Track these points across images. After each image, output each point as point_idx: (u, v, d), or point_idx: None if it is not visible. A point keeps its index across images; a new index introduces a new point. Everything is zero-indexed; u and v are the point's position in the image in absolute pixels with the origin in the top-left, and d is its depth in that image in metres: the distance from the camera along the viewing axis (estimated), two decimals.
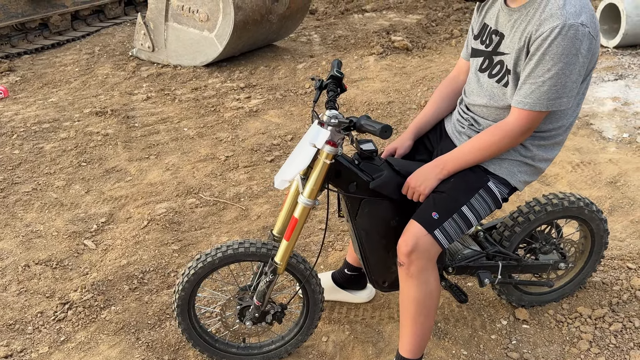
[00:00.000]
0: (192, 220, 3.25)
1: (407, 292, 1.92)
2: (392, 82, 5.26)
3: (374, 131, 1.67)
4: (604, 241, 2.38)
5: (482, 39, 1.93)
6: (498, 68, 1.85)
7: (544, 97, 1.70)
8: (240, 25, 5.55)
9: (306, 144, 1.80)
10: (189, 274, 2.00)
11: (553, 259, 2.31)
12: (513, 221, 2.22)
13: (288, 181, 1.80)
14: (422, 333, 1.97)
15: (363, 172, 1.91)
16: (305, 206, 1.88)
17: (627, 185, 3.39)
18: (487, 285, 2.33)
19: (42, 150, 4.23)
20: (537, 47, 1.67)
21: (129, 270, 2.80)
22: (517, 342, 2.32)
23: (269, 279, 1.98)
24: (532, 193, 3.35)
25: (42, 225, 3.26)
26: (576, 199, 2.23)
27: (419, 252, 1.84)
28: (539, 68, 1.68)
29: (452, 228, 1.87)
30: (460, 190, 1.89)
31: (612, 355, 2.24)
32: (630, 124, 4.12)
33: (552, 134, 1.89)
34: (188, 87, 5.42)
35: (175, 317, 2.08)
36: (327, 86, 1.98)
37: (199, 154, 4.08)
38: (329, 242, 2.98)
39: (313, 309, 2.14)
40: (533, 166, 1.94)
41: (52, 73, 6.12)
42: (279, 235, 2.07)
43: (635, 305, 2.47)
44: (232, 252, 1.97)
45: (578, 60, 1.65)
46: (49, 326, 2.46)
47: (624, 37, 5.49)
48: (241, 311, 2.09)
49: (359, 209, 1.95)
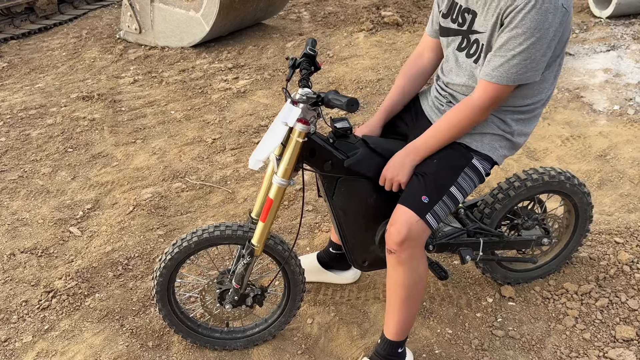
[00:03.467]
0: (178, 204, 3.23)
1: (396, 278, 1.90)
2: (382, 58, 5.18)
3: (340, 105, 1.65)
4: (589, 215, 2.36)
5: (452, 18, 1.88)
6: (475, 47, 1.81)
7: (512, 71, 1.68)
8: (226, 4, 5.45)
9: (279, 123, 1.78)
10: (165, 260, 1.98)
11: (536, 235, 2.29)
12: (493, 198, 2.20)
13: (262, 161, 1.78)
14: (408, 317, 1.97)
15: (338, 150, 1.89)
16: (280, 186, 1.86)
17: (616, 159, 3.35)
18: (470, 262, 2.31)
19: (29, 137, 4.19)
20: (511, 19, 1.63)
21: (113, 257, 2.78)
22: (503, 320, 2.31)
23: (246, 261, 1.97)
24: (520, 168, 3.32)
25: (28, 213, 3.24)
26: (557, 173, 2.20)
27: (412, 239, 1.82)
28: (511, 41, 1.65)
29: (441, 209, 1.86)
30: (446, 171, 1.87)
31: (597, 331, 2.23)
32: (621, 95, 4.07)
33: (531, 108, 1.87)
34: (175, 69, 5.35)
35: (156, 303, 2.07)
36: (301, 64, 1.94)
37: (185, 137, 4.03)
38: (315, 224, 2.96)
39: (294, 290, 2.12)
40: (512, 141, 1.93)
41: (39, 58, 6.04)
42: (257, 217, 2.05)
43: (622, 280, 2.45)
44: (208, 236, 1.95)
45: (549, 34, 1.62)
46: (34, 315, 2.45)
47: (617, 6, 5.39)
48: (221, 294, 2.08)
49: (335, 188, 1.93)
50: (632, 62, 4.58)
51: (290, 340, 2.26)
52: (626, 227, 2.75)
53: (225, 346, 2.19)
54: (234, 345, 2.19)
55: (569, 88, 4.20)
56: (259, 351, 2.21)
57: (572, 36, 5.19)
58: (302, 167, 1.91)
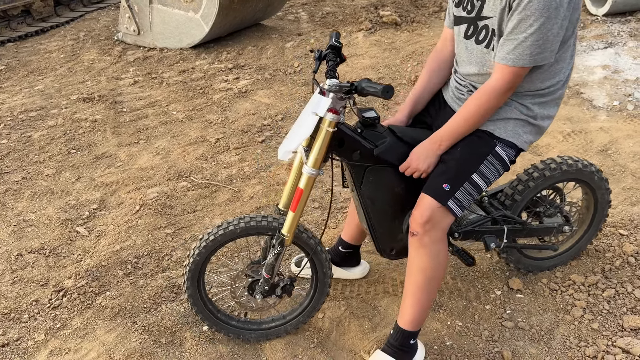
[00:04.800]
0: (185, 203, 3.24)
1: (418, 262, 1.93)
2: (381, 57, 5.21)
3: (375, 92, 1.67)
4: (607, 200, 2.39)
5: (463, 6, 1.91)
6: (484, 33, 1.84)
7: (526, 53, 1.70)
8: (225, 5, 5.47)
9: (308, 113, 1.80)
10: (207, 240, 2.01)
11: (557, 222, 2.32)
12: (527, 176, 2.23)
13: (292, 152, 1.81)
14: (424, 305, 1.99)
15: (366, 139, 1.91)
16: (310, 176, 1.88)
17: (618, 153, 3.39)
18: (494, 249, 2.32)
19: (30, 139, 4.18)
20: (519, 2, 1.66)
21: (122, 256, 2.79)
22: (512, 312, 2.33)
23: (277, 251, 1.99)
24: (523, 164, 3.35)
25: (34, 214, 3.24)
26: (574, 162, 2.26)
27: (434, 222, 1.86)
28: (522, 24, 1.67)
29: (464, 197, 1.88)
30: (469, 159, 1.89)
31: (605, 321, 2.26)
32: (620, 91, 4.11)
33: (551, 90, 1.89)
34: (175, 70, 5.36)
35: (185, 281, 2.08)
36: (327, 56, 1.97)
37: (189, 137, 4.04)
38: (322, 221, 2.98)
39: (321, 282, 2.14)
40: (536, 125, 1.94)
41: (37, 60, 6.03)
42: (284, 209, 2.08)
43: (627, 270, 2.48)
44: (255, 225, 1.99)
45: (559, 13, 1.65)
46: (45, 314, 2.46)
47: (613, 4, 5.45)
48: (251, 285, 2.10)
49: (363, 178, 1.96)
50: (629, 59, 4.63)
51: (302, 335, 2.27)
52: (630, 220, 2.79)
53: (240, 335, 2.21)
54: (248, 336, 2.21)
55: (569, 84, 4.23)
56: (271, 345, 2.22)
57: None
58: (332, 157, 1.93)
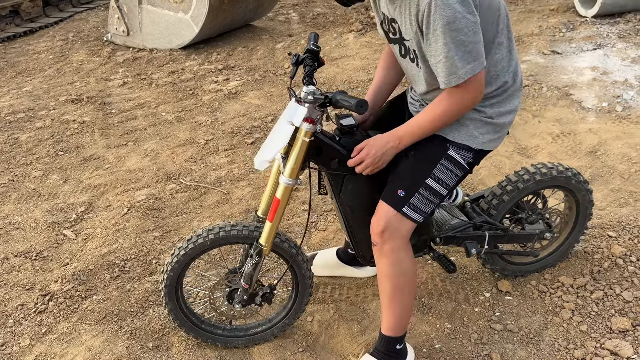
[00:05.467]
0: (173, 206, 3.21)
1: (383, 271, 1.92)
2: (372, 59, 5.20)
3: (349, 106, 1.65)
4: (589, 212, 2.39)
5: (385, 29, 1.90)
6: (412, 53, 1.82)
7: (459, 67, 1.65)
8: (215, 5, 5.44)
9: (284, 123, 1.77)
10: (178, 255, 1.98)
11: (539, 229, 2.32)
12: (501, 190, 2.22)
13: (268, 161, 1.77)
14: (401, 311, 1.97)
15: (344, 147, 1.88)
16: (287, 186, 1.86)
17: (607, 154, 3.40)
18: (474, 255, 2.33)
19: (18, 141, 4.14)
20: (426, 26, 1.63)
21: (109, 259, 2.76)
22: (501, 314, 2.33)
23: (255, 261, 1.97)
24: (512, 165, 3.35)
25: (20, 216, 3.20)
26: (564, 169, 2.25)
27: (391, 231, 1.84)
28: (437, 46, 1.64)
29: (420, 202, 1.85)
30: (422, 163, 1.87)
31: (594, 323, 2.26)
32: (609, 93, 4.13)
33: (500, 91, 1.86)
34: (165, 71, 5.33)
35: (163, 297, 2.06)
36: (304, 61, 1.91)
37: (178, 138, 4.02)
38: (312, 223, 2.97)
39: (302, 288, 2.12)
40: (494, 123, 1.89)
41: (25, 61, 5.98)
42: (263, 216, 2.05)
43: (615, 272, 2.49)
44: (224, 235, 1.96)
45: (461, 22, 1.59)
46: (30, 318, 2.43)
47: (602, 6, 5.47)
48: (230, 294, 2.08)
49: (342, 186, 1.93)
50: (618, 60, 4.65)
51: (290, 339, 2.26)
52: (618, 221, 2.80)
53: (227, 344, 2.19)
54: (236, 343, 2.19)
55: (558, 86, 4.25)
56: (260, 350, 2.21)
57: (559, 35, 5.26)
58: (309, 165, 1.90)
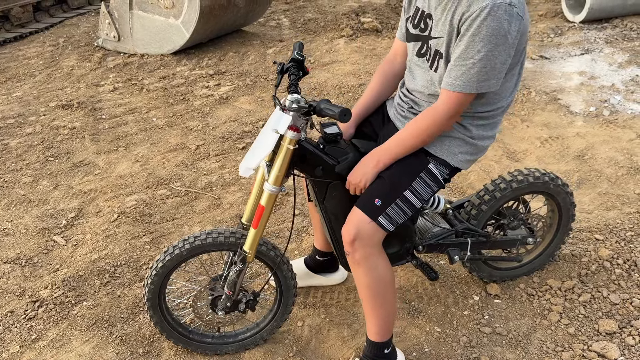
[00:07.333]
0: (164, 211, 3.21)
1: (359, 279, 1.93)
2: (362, 64, 5.23)
3: (333, 115, 1.66)
4: (571, 214, 2.42)
5: (415, 23, 1.90)
6: (433, 53, 1.84)
7: (473, 79, 1.69)
8: (206, 11, 5.45)
9: (269, 130, 1.78)
10: (157, 267, 1.98)
11: (521, 234, 2.34)
12: (480, 199, 2.24)
13: (252, 169, 1.78)
14: (384, 316, 1.98)
15: (328, 155, 1.90)
16: (271, 193, 1.87)
17: (594, 158, 3.44)
18: (458, 262, 2.35)
19: (8, 147, 4.12)
20: (467, 27, 1.65)
21: (100, 265, 2.76)
22: (490, 317, 2.35)
23: (238, 268, 1.97)
24: (501, 170, 3.38)
25: (10, 223, 3.19)
26: (541, 174, 2.26)
27: (362, 239, 1.84)
28: (469, 49, 1.66)
29: (395, 213, 1.87)
30: (402, 175, 1.88)
31: (581, 325, 2.29)
32: (596, 97, 4.18)
33: (491, 115, 1.90)
34: (156, 76, 5.33)
35: (147, 310, 2.06)
36: (289, 69, 1.93)
37: (168, 143, 4.02)
38: (302, 227, 2.98)
39: (286, 294, 2.13)
40: (474, 144, 1.93)
41: (15, 67, 5.95)
42: (247, 223, 2.05)
43: (603, 275, 2.52)
44: (200, 243, 1.95)
45: (507, 41, 1.64)
46: (20, 325, 2.42)
47: (590, 11, 5.54)
48: (213, 301, 2.08)
49: (326, 193, 1.94)
50: (605, 65, 4.70)
51: (281, 343, 2.26)
52: (605, 225, 2.83)
53: (217, 351, 2.19)
54: (226, 350, 2.20)
55: (546, 91, 4.30)
56: (250, 355, 2.21)
57: (548, 40, 5.32)
58: (293, 172, 1.91)
